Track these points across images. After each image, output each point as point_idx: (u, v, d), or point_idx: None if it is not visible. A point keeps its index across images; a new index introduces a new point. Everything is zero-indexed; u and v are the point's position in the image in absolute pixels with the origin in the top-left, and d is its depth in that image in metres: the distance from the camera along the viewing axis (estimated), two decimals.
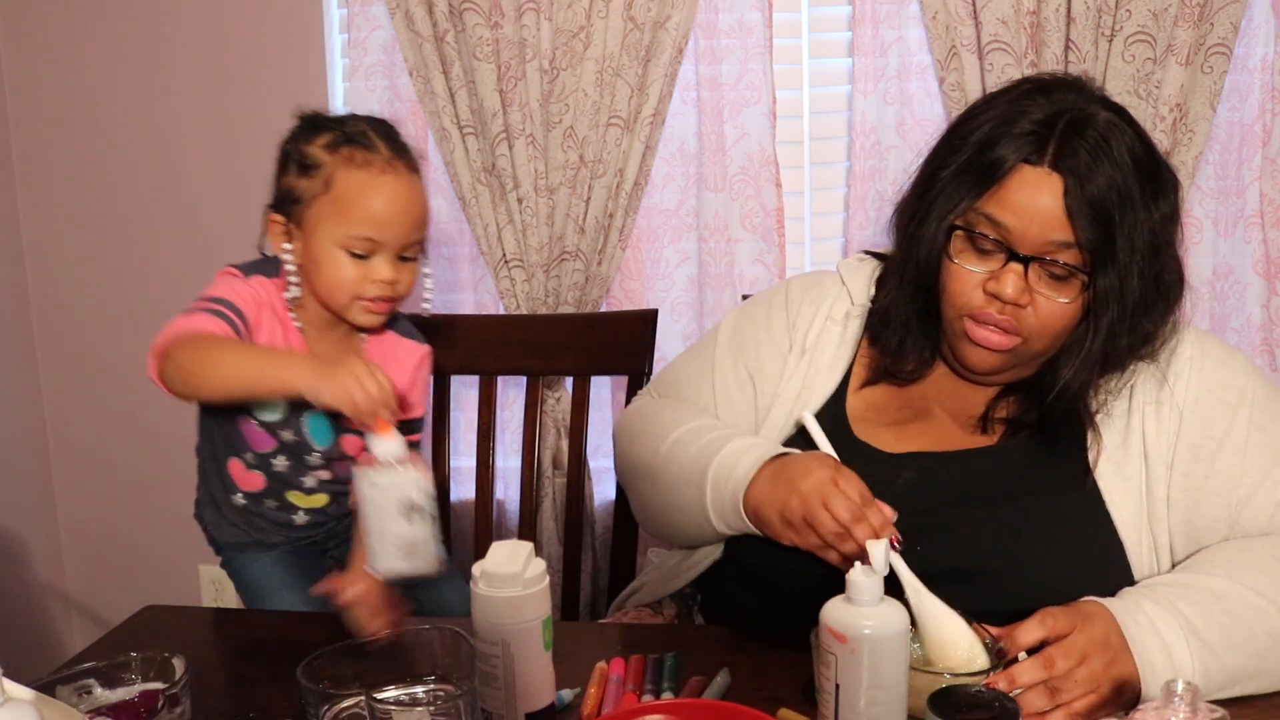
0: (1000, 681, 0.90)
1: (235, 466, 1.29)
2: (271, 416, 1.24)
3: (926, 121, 1.95)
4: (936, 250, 1.10)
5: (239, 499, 1.31)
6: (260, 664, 1.13)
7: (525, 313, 2.03)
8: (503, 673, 0.94)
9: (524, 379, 1.83)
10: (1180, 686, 0.74)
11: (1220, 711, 0.75)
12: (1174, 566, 1.08)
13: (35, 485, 2.37)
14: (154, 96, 2.18)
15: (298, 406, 1.23)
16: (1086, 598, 0.98)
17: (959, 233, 1.08)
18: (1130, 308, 1.05)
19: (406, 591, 1.22)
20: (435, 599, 1.32)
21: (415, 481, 0.98)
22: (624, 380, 1.80)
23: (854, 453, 1.10)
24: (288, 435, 1.25)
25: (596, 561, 2.08)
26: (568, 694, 1.02)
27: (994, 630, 0.96)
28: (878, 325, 1.19)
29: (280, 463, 1.28)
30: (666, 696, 1.01)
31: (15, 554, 2.32)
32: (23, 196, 2.28)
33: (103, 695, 0.95)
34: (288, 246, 1.19)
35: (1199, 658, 0.94)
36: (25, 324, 2.32)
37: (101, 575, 2.43)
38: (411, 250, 1.19)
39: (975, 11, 1.83)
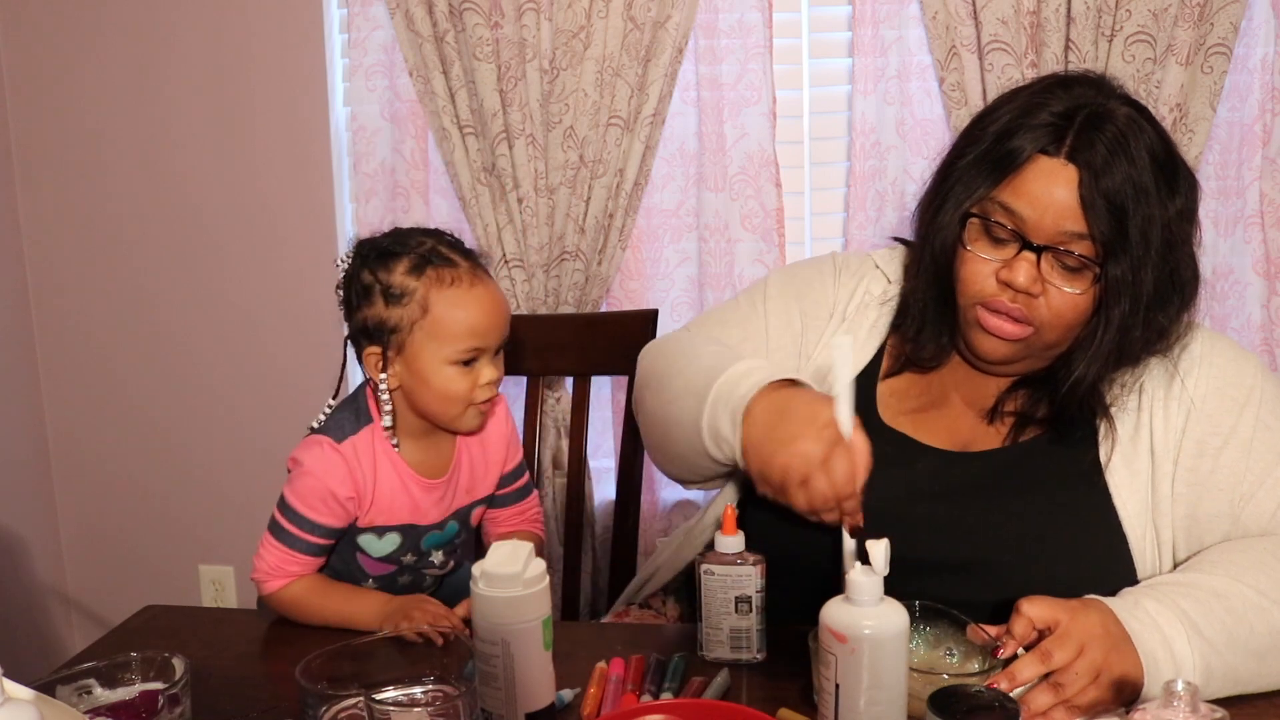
0: (1001, 680, 0.90)
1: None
2: (386, 552, 1.26)
3: (926, 121, 1.95)
4: (952, 238, 1.10)
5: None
6: (260, 664, 1.13)
7: (525, 313, 2.03)
8: (503, 673, 0.94)
9: (524, 379, 1.83)
10: (1180, 686, 0.74)
11: (1221, 712, 0.75)
12: (1175, 563, 1.08)
13: (35, 485, 2.37)
14: (154, 96, 2.18)
15: (411, 534, 1.25)
16: (1087, 595, 0.98)
17: (974, 220, 1.09)
18: (1144, 302, 1.05)
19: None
20: None
21: (749, 577, 1.05)
22: (624, 380, 1.80)
23: (880, 434, 1.10)
24: (408, 559, 1.27)
25: (596, 561, 2.08)
26: (568, 694, 1.02)
27: (992, 630, 0.96)
28: (899, 314, 1.21)
29: (404, 579, 1.30)
30: (666, 696, 1.01)
31: (15, 554, 2.32)
32: (23, 196, 2.28)
33: (103, 695, 0.95)
34: (384, 375, 1.20)
35: (1200, 654, 0.94)
36: (25, 324, 2.32)
37: (101, 575, 2.43)
38: (503, 345, 1.24)
39: (975, 11, 1.84)
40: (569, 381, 1.99)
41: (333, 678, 0.92)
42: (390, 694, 0.89)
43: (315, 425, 1.25)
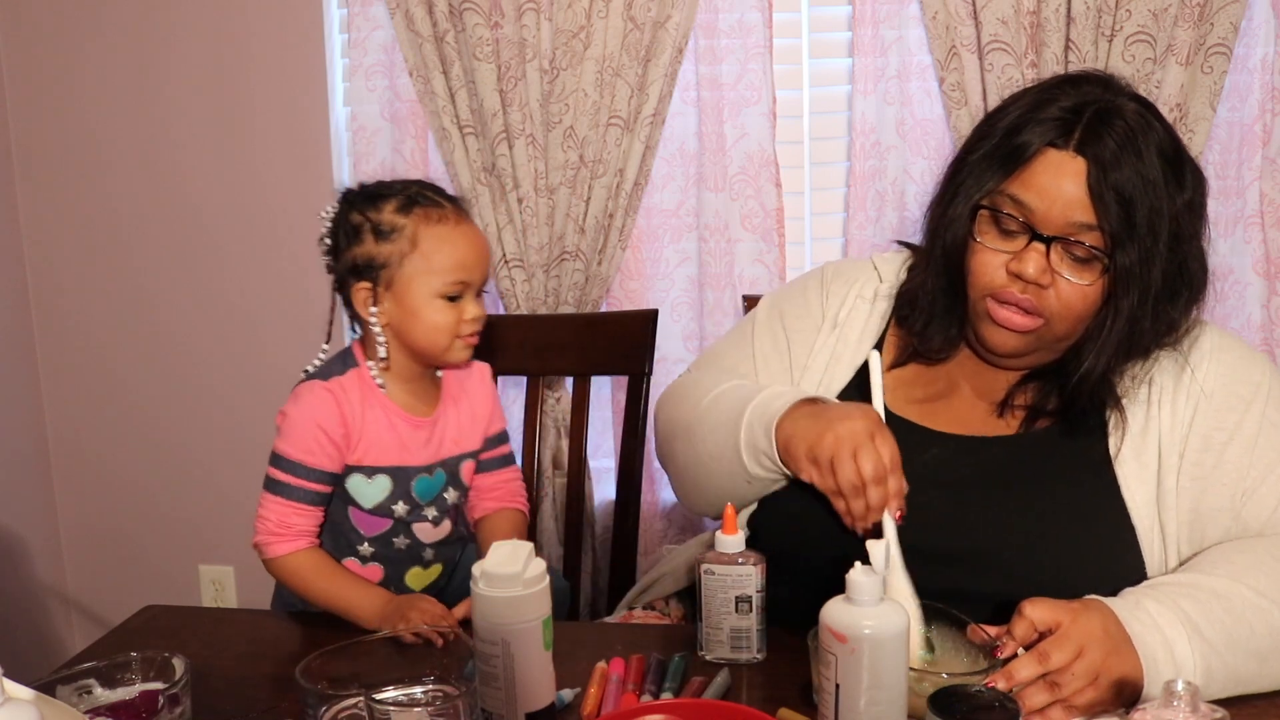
0: (998, 680, 0.90)
1: (350, 567, 1.29)
2: (377, 500, 1.27)
3: (926, 121, 1.95)
4: (962, 231, 1.11)
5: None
6: (260, 664, 1.13)
7: (525, 313, 2.03)
8: (503, 673, 0.94)
9: (524, 379, 1.83)
10: (1180, 686, 0.74)
11: (1221, 712, 0.75)
12: (1179, 558, 1.08)
13: (35, 485, 2.37)
14: (154, 97, 2.18)
15: (401, 477, 1.27)
16: (1089, 596, 0.99)
17: (984, 213, 1.09)
18: (1152, 294, 1.06)
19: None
20: None
21: (749, 577, 1.06)
22: (624, 380, 1.80)
23: (888, 423, 1.11)
24: (400, 509, 1.28)
25: (596, 561, 2.08)
26: (568, 694, 1.02)
27: (992, 630, 0.96)
28: (905, 307, 1.21)
29: (400, 542, 1.30)
30: (666, 696, 1.01)
31: (15, 554, 2.32)
32: (23, 196, 2.28)
33: (103, 695, 0.95)
34: (374, 310, 1.25)
35: (1201, 656, 0.94)
36: (25, 324, 2.32)
37: (101, 575, 2.43)
38: (485, 284, 1.30)
39: (975, 11, 1.84)
40: (569, 381, 1.99)
41: (333, 678, 0.92)
42: (390, 694, 0.89)
43: (307, 370, 1.30)
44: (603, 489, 2.08)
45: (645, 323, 1.72)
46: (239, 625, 1.27)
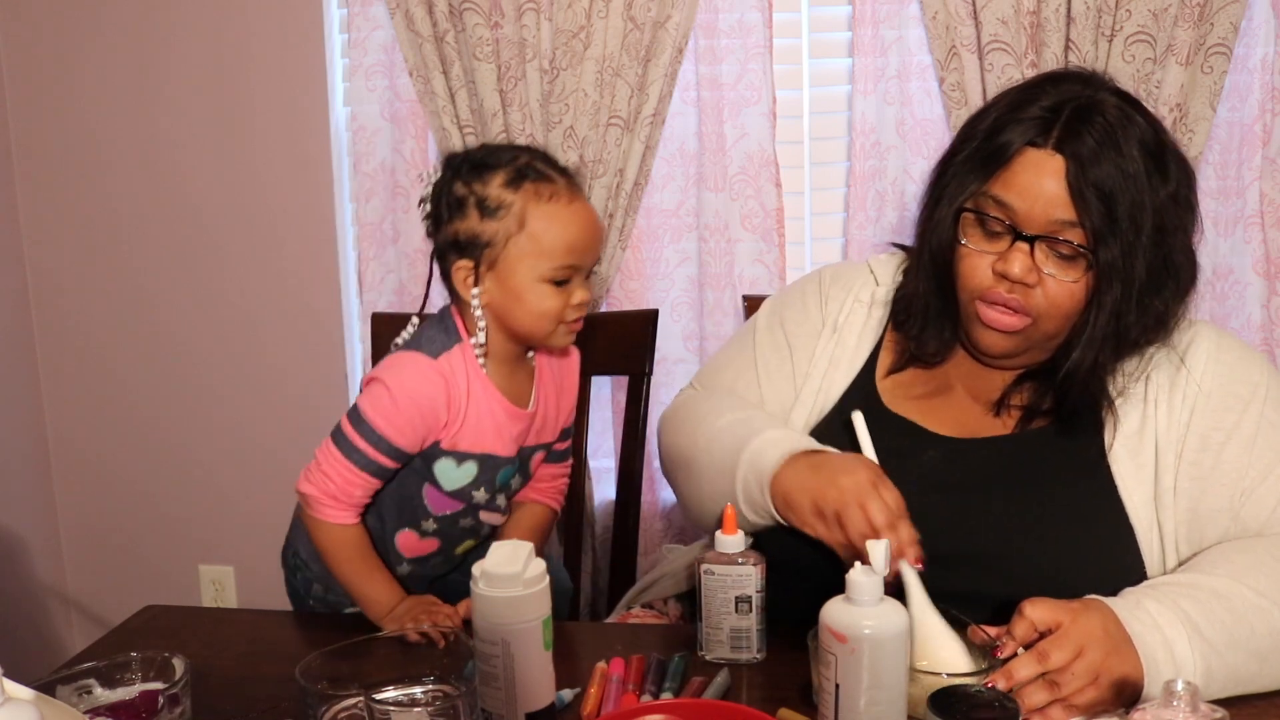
0: (998, 679, 0.90)
1: (406, 538, 1.25)
2: (460, 485, 1.22)
3: (926, 121, 1.95)
4: (948, 235, 1.12)
5: (403, 569, 1.27)
6: (260, 664, 1.13)
7: None
8: (503, 673, 0.94)
9: None
10: (1180, 686, 0.74)
11: (1221, 712, 0.75)
12: (1178, 558, 1.08)
13: (35, 485, 2.37)
14: (154, 97, 2.18)
15: (488, 465, 1.22)
16: (1089, 595, 0.99)
17: (968, 215, 1.10)
18: (1136, 287, 1.06)
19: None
20: None
21: (749, 577, 1.06)
22: (624, 380, 1.80)
23: (886, 424, 1.12)
24: (479, 495, 1.24)
25: (596, 561, 2.08)
26: (568, 694, 1.02)
27: (992, 631, 0.96)
28: (901, 313, 1.22)
29: (466, 522, 1.26)
30: (666, 696, 1.01)
31: (15, 554, 2.32)
32: (23, 196, 2.28)
33: (103, 695, 0.95)
34: (476, 290, 1.17)
35: (1201, 655, 0.94)
36: (25, 324, 2.32)
37: (101, 575, 2.43)
38: (595, 265, 1.22)
39: (975, 11, 1.84)
40: None
41: (333, 678, 0.92)
42: (390, 694, 0.89)
43: (400, 342, 1.22)
44: (603, 489, 2.08)
45: (645, 323, 1.72)
46: (239, 625, 1.27)
